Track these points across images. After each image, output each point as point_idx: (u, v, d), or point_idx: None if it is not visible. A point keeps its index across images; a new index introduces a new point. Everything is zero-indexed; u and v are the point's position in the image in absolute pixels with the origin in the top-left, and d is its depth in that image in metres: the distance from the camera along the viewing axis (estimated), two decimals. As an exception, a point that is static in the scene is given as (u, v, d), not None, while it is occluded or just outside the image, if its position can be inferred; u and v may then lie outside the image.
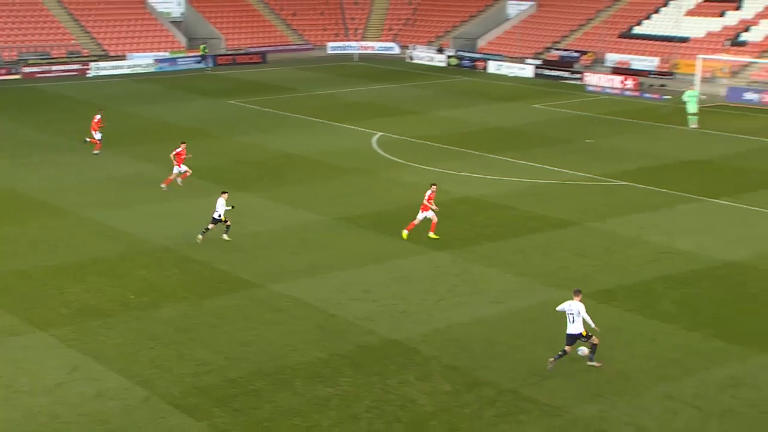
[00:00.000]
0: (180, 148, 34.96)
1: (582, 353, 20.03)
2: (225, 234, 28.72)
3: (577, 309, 19.62)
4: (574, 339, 19.72)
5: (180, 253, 27.71)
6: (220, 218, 28.46)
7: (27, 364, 20.45)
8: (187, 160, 35.12)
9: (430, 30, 79.60)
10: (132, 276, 25.91)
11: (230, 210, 28.68)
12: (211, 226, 28.59)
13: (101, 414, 18.24)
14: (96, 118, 41.06)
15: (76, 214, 31.92)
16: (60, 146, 43.05)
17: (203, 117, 50.66)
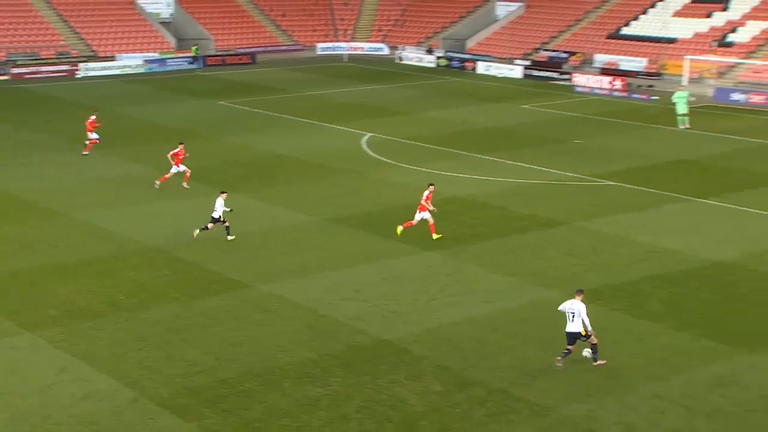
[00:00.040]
0: (178, 149, 34.99)
1: (586, 355, 20.16)
2: (228, 235, 28.75)
3: (578, 309, 19.71)
4: (574, 337, 19.80)
5: (170, 254, 27.70)
6: (219, 218, 28.52)
7: (16, 366, 20.43)
8: (185, 160, 35.14)
9: (420, 31, 79.71)
10: (122, 277, 25.89)
11: (228, 212, 28.71)
12: (211, 226, 28.64)
13: (90, 415, 18.25)
14: (91, 119, 41.08)
15: (66, 215, 31.86)
16: (50, 147, 42.95)
17: (193, 118, 50.61)
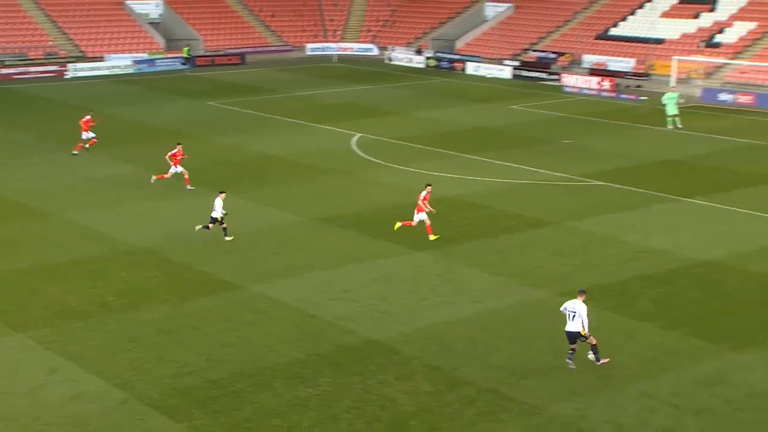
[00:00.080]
0: (176, 149, 34.96)
1: (591, 358, 20.20)
2: (225, 236, 28.75)
3: (579, 309, 19.76)
4: (574, 336, 19.86)
5: (161, 255, 27.67)
6: (218, 218, 28.55)
7: (6, 366, 20.37)
8: (184, 161, 35.09)
9: (409, 31, 79.77)
10: (112, 278, 25.84)
11: (225, 215, 28.72)
12: (212, 226, 28.69)
13: (80, 416, 18.22)
14: (86, 118, 41.11)
15: (56, 216, 31.78)
16: (39, 148, 42.85)
17: (182, 118, 50.54)
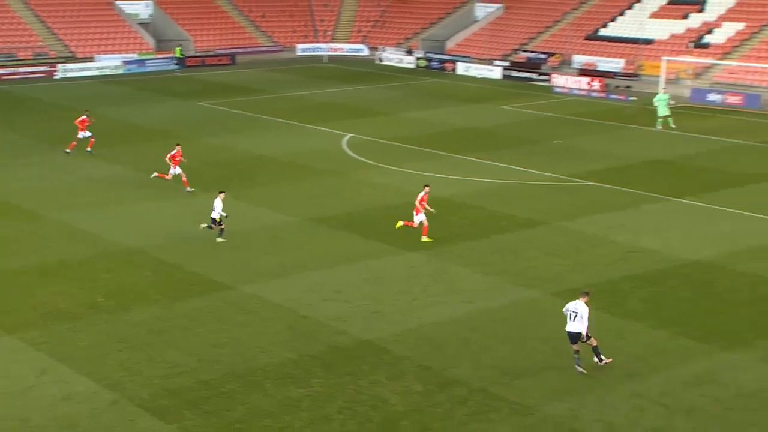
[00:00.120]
0: (175, 150, 34.86)
1: (597, 362, 20.22)
2: (219, 236, 28.74)
3: (581, 310, 19.79)
4: (575, 337, 19.90)
5: (151, 256, 27.61)
6: (218, 219, 28.55)
7: (-4, 368, 20.34)
8: (182, 163, 35.03)
9: (399, 32, 79.80)
10: (102, 278, 25.77)
11: (225, 217, 28.69)
12: (214, 226, 28.67)
13: (70, 417, 18.18)
14: (81, 118, 41.09)
15: (45, 217, 31.67)
16: (28, 148, 42.69)
17: (172, 119, 50.43)
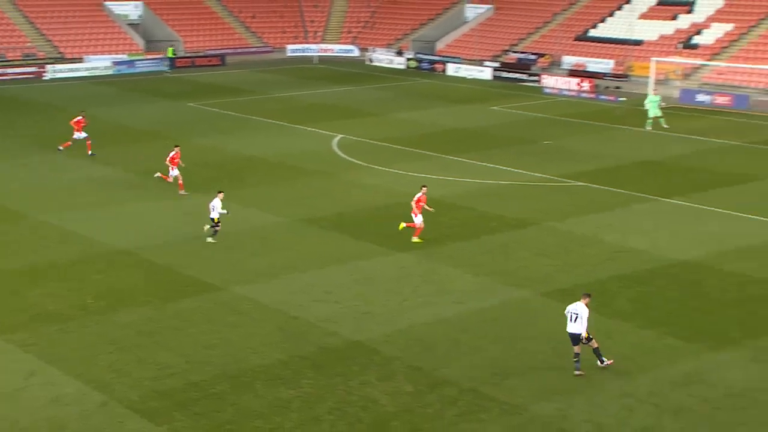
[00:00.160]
0: (173, 152, 34.77)
1: (600, 365, 20.28)
2: (209, 237, 28.72)
3: (580, 311, 19.87)
4: (576, 338, 19.96)
5: (141, 257, 27.57)
6: (217, 219, 28.58)
7: (-15, 370, 20.28)
8: (180, 165, 34.99)
9: (389, 33, 79.84)
10: (91, 280, 25.71)
11: (227, 214, 28.70)
12: (217, 228, 28.69)
13: (59, 419, 18.14)
14: (77, 118, 41.07)
15: (33, 218, 31.58)
16: (17, 149, 42.56)
17: (162, 120, 50.35)
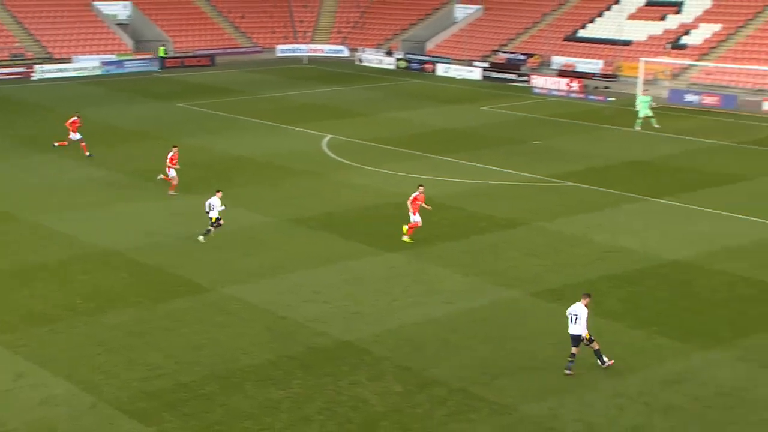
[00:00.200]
0: (172, 152, 34.63)
1: (600, 364, 20.30)
2: (201, 235, 28.64)
3: (579, 312, 19.87)
4: (576, 339, 19.95)
5: (130, 257, 27.45)
6: (217, 218, 28.53)
7: (-28, 372, 20.14)
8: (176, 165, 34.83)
9: (379, 33, 79.83)
10: (80, 281, 25.58)
11: (224, 210, 28.69)
12: (219, 225, 28.64)
13: (48, 421, 18.04)
14: (72, 119, 40.87)
15: (22, 219, 31.42)
16: (5, 150, 42.33)
17: (151, 120, 50.20)
